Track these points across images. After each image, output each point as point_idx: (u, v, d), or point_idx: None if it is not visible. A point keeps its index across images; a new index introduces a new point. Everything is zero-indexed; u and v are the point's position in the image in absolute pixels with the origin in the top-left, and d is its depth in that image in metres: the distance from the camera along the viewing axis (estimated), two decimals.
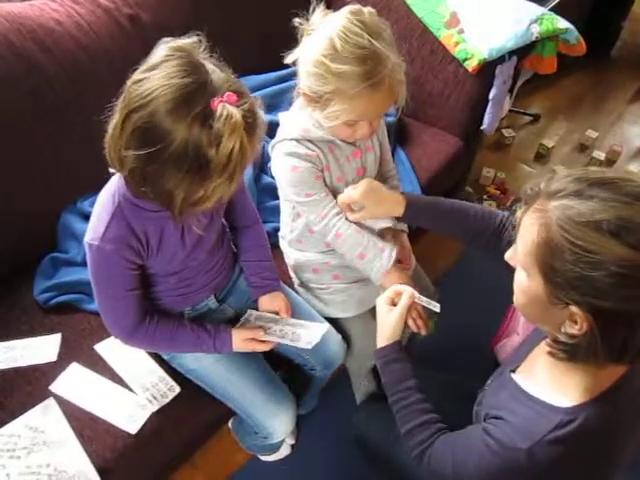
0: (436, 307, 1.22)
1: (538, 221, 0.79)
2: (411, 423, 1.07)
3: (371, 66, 1.10)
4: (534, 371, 0.97)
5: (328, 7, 1.19)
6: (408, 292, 1.16)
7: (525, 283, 0.85)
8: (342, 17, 1.13)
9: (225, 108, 0.88)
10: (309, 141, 1.26)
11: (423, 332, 1.23)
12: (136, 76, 0.92)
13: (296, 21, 1.17)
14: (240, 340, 1.25)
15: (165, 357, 1.34)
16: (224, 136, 0.88)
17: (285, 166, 1.26)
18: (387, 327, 1.14)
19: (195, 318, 1.33)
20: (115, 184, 1.07)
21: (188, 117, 0.88)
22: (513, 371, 1.03)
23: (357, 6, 1.15)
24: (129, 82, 0.92)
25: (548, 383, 0.91)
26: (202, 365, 1.31)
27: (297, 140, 1.25)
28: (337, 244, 1.31)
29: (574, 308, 0.77)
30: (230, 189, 0.96)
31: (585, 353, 0.80)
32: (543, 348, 0.97)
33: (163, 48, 0.92)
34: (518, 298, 0.90)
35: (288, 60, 1.19)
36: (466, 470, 0.97)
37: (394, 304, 1.16)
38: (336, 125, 1.20)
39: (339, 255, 1.37)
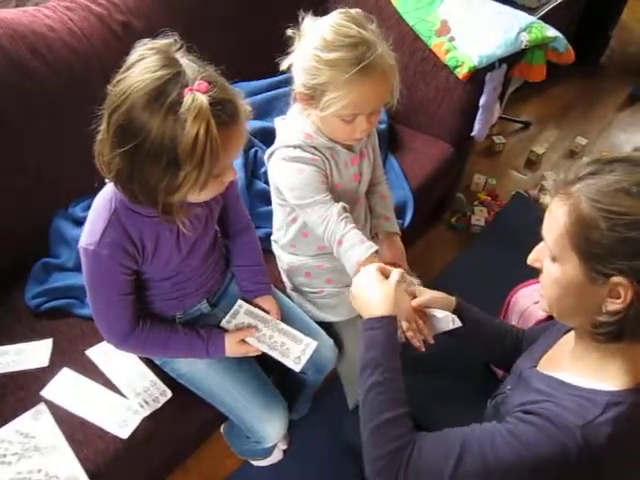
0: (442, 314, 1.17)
1: (566, 203, 0.80)
2: (398, 410, 0.94)
3: (361, 51, 1.12)
4: (563, 365, 0.95)
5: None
6: (397, 270, 1.09)
7: (558, 272, 0.85)
8: (331, 16, 1.17)
9: (192, 95, 0.89)
10: (312, 147, 1.26)
11: (422, 349, 1.17)
12: (115, 79, 0.94)
13: (289, 32, 1.19)
14: (233, 343, 1.26)
15: (157, 362, 1.34)
16: (187, 121, 0.88)
17: (290, 170, 1.25)
18: (381, 293, 1.04)
19: (187, 323, 1.33)
20: (111, 190, 1.07)
21: (162, 108, 0.89)
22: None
23: (344, 8, 1.19)
24: (109, 86, 0.94)
25: (584, 373, 0.89)
26: (194, 369, 1.31)
27: (301, 147, 1.25)
28: (338, 250, 1.25)
29: (616, 278, 0.77)
30: (200, 179, 0.94)
31: (634, 326, 0.79)
32: (567, 342, 0.97)
33: (139, 49, 0.94)
34: (551, 292, 0.89)
35: (283, 66, 1.21)
36: (492, 462, 0.85)
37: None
38: (335, 124, 1.20)
39: (332, 259, 1.38)
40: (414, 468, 0.89)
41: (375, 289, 1.06)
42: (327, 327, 1.49)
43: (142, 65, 0.91)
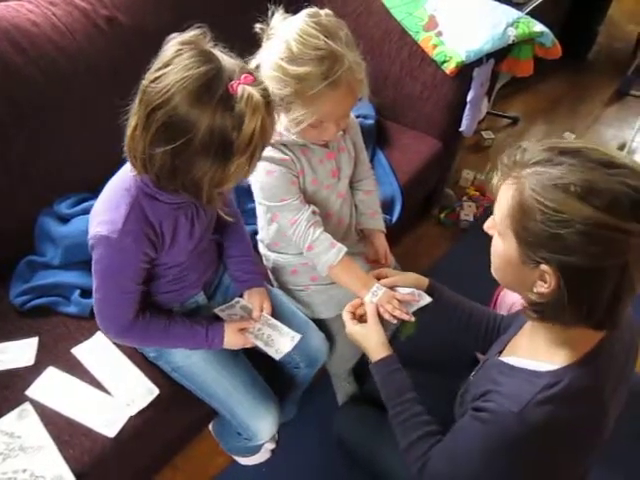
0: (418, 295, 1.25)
1: (513, 187, 0.84)
2: (413, 435, 1.08)
3: (328, 65, 1.11)
4: (519, 348, 1.01)
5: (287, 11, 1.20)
6: (368, 306, 1.22)
7: (501, 247, 0.90)
8: (299, 20, 1.15)
9: (245, 89, 0.92)
10: (283, 145, 1.26)
11: (412, 319, 1.24)
12: (151, 75, 0.94)
13: (257, 26, 1.18)
14: (232, 332, 1.26)
15: (152, 354, 1.33)
16: (246, 116, 0.92)
17: (259, 170, 1.24)
18: (371, 341, 1.18)
19: (184, 315, 1.32)
20: (129, 178, 1.06)
21: (211, 104, 0.91)
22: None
23: (314, 9, 1.17)
24: (145, 82, 0.95)
25: (532, 355, 0.94)
26: (190, 363, 1.31)
27: (271, 145, 1.24)
28: (309, 254, 1.31)
29: (544, 267, 0.81)
30: (250, 169, 1.00)
31: (553, 310, 0.85)
32: (524, 330, 1.03)
33: (172, 44, 0.95)
34: (494, 262, 0.95)
35: (252, 65, 1.19)
36: (462, 465, 0.97)
37: (360, 318, 1.24)
38: (302, 127, 1.20)
39: None
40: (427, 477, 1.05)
41: (364, 340, 1.20)
42: (317, 322, 1.48)
43: (182, 62, 0.92)
